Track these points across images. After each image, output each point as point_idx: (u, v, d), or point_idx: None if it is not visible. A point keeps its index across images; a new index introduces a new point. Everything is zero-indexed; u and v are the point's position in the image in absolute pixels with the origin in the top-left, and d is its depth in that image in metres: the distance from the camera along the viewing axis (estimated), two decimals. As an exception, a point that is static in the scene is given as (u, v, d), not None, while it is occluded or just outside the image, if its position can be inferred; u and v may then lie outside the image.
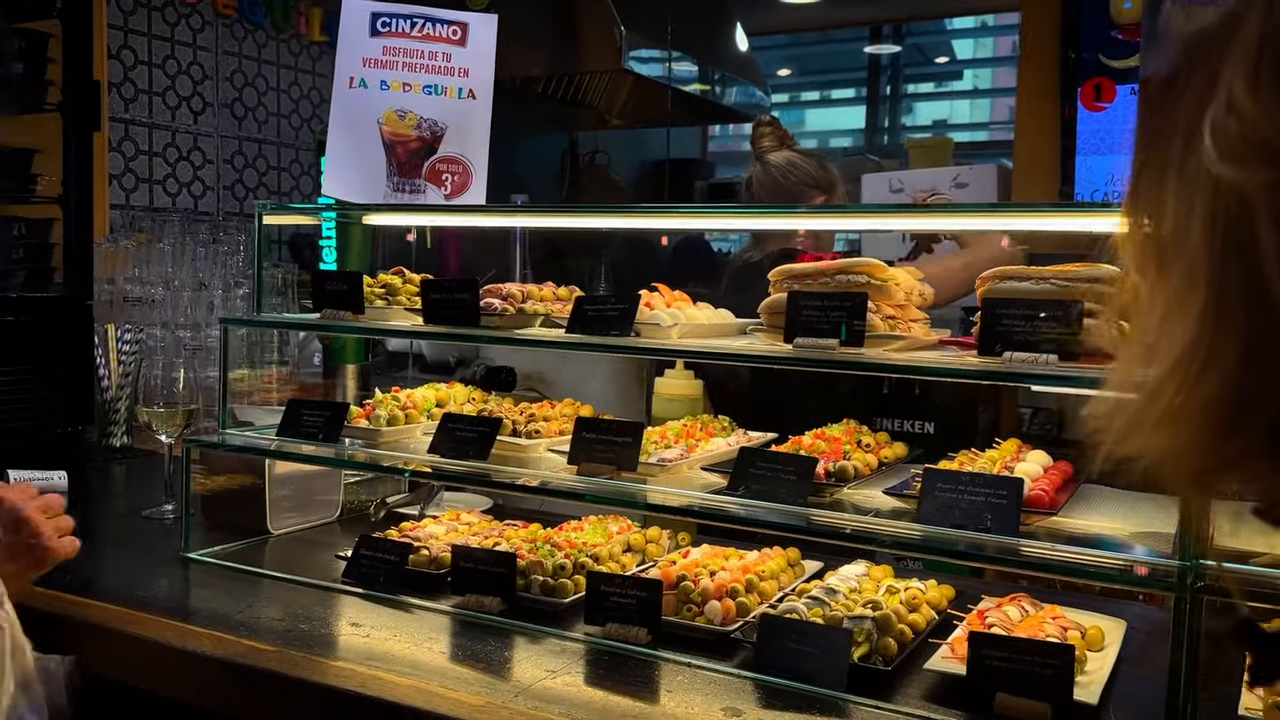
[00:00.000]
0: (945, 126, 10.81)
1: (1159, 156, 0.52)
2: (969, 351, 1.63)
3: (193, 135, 4.04)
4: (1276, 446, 0.46)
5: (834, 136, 10.97)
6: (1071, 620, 1.63)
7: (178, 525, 2.25)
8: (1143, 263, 0.53)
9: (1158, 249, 0.51)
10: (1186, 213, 0.49)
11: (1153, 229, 0.52)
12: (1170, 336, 0.49)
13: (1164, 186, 0.51)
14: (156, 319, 3.14)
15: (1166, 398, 0.48)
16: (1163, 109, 0.52)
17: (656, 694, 1.46)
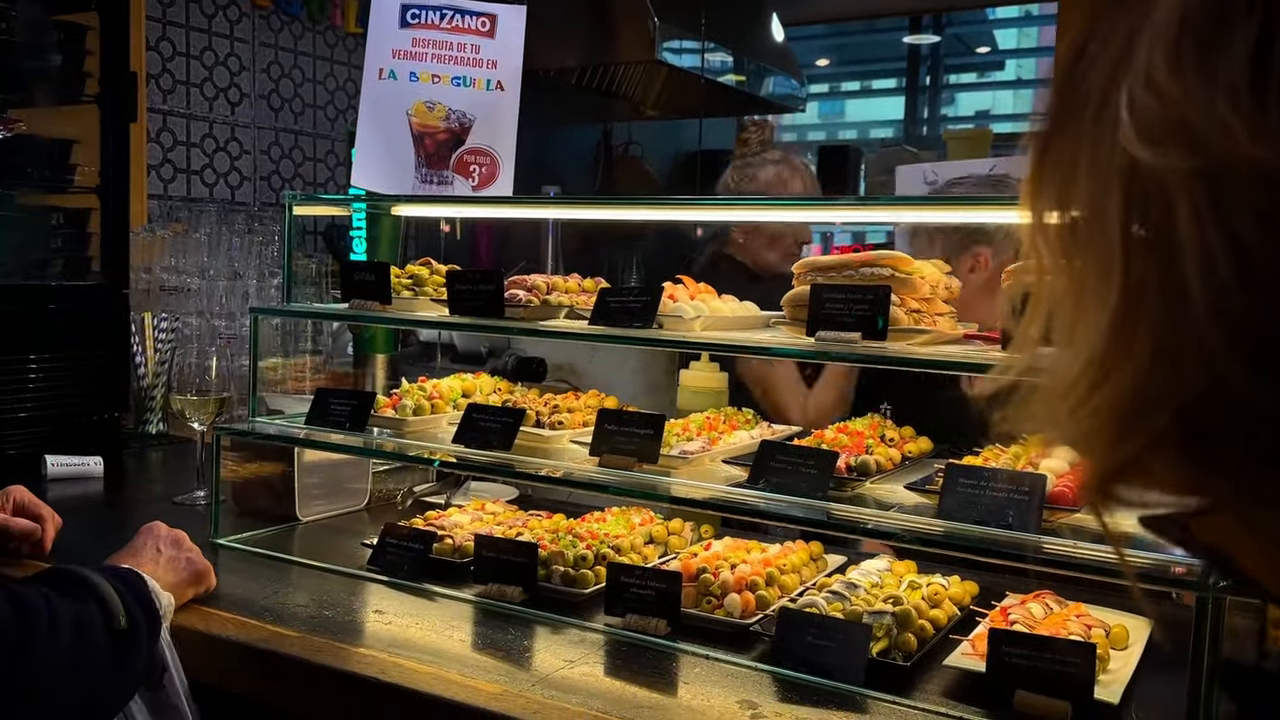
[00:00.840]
0: (988, 117, 10.69)
1: (1070, 131, 0.48)
2: (994, 346, 1.61)
3: (229, 126, 4.09)
4: (1175, 445, 0.44)
5: (874, 127, 10.90)
6: (1096, 618, 1.61)
7: (208, 511, 2.29)
8: (1052, 248, 0.49)
9: (1068, 234, 0.48)
10: (1101, 196, 0.45)
11: (1062, 212, 0.48)
12: (1084, 328, 0.46)
13: (1075, 164, 0.47)
14: (192, 308, 3.18)
15: (1077, 392, 0.46)
16: (1072, 78, 0.48)
17: (674, 685, 1.46)
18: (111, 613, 1.38)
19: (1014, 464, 1.65)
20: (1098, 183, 0.45)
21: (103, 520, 2.32)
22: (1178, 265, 0.41)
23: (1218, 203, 0.41)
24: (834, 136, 11.26)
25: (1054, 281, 0.49)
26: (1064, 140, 0.48)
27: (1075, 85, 0.48)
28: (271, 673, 1.56)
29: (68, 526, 2.15)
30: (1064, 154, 0.48)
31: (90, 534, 2.22)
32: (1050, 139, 0.49)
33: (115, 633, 1.37)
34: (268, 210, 4.12)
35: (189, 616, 1.64)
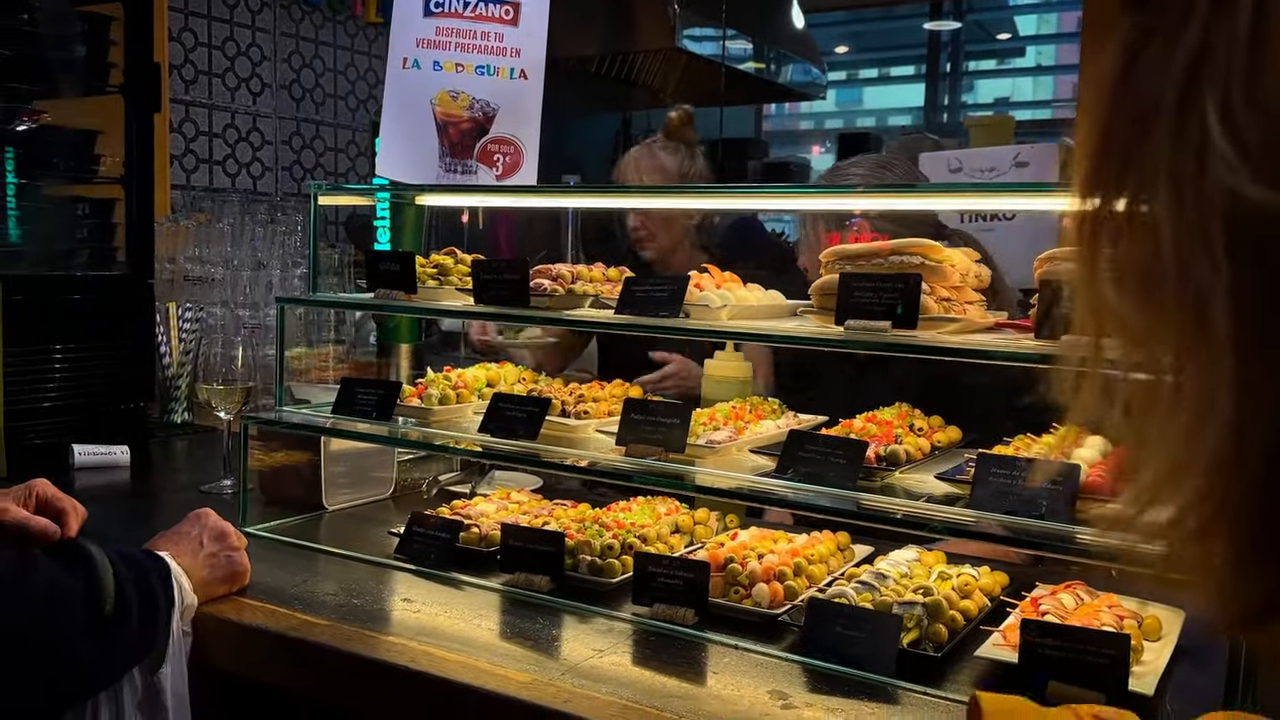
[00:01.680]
0: (1007, 104, 10.62)
1: (1141, 141, 0.38)
2: (1025, 334, 1.60)
3: (251, 116, 4.10)
4: None
5: (892, 114, 10.84)
6: (1128, 609, 1.59)
7: (235, 500, 2.30)
8: (1119, 283, 0.39)
9: (1145, 275, 0.38)
10: (1189, 238, 0.35)
11: (1131, 244, 0.38)
12: (1169, 421, 0.36)
13: (1147, 185, 0.37)
14: (216, 298, 3.20)
15: (1184, 521, 0.36)
16: (1130, 81, 0.38)
17: (703, 675, 1.46)
18: (99, 593, 1.37)
19: (1047, 454, 1.64)
20: (1182, 222, 0.36)
21: (130, 509, 2.33)
22: None
23: None
24: (852, 124, 11.21)
25: (1117, 342, 0.40)
26: (1130, 157, 0.39)
27: (1136, 90, 0.39)
28: (301, 661, 1.56)
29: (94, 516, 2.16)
30: (1129, 170, 0.39)
31: (117, 523, 2.23)
32: (1106, 158, 0.40)
33: (99, 614, 1.36)
34: (290, 200, 4.13)
35: (220, 606, 1.65)
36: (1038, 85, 10.97)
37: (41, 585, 1.32)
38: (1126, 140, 0.39)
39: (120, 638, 1.38)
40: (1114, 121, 0.40)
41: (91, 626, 1.34)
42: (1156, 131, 0.37)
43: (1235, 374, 0.35)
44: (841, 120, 11.24)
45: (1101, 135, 0.40)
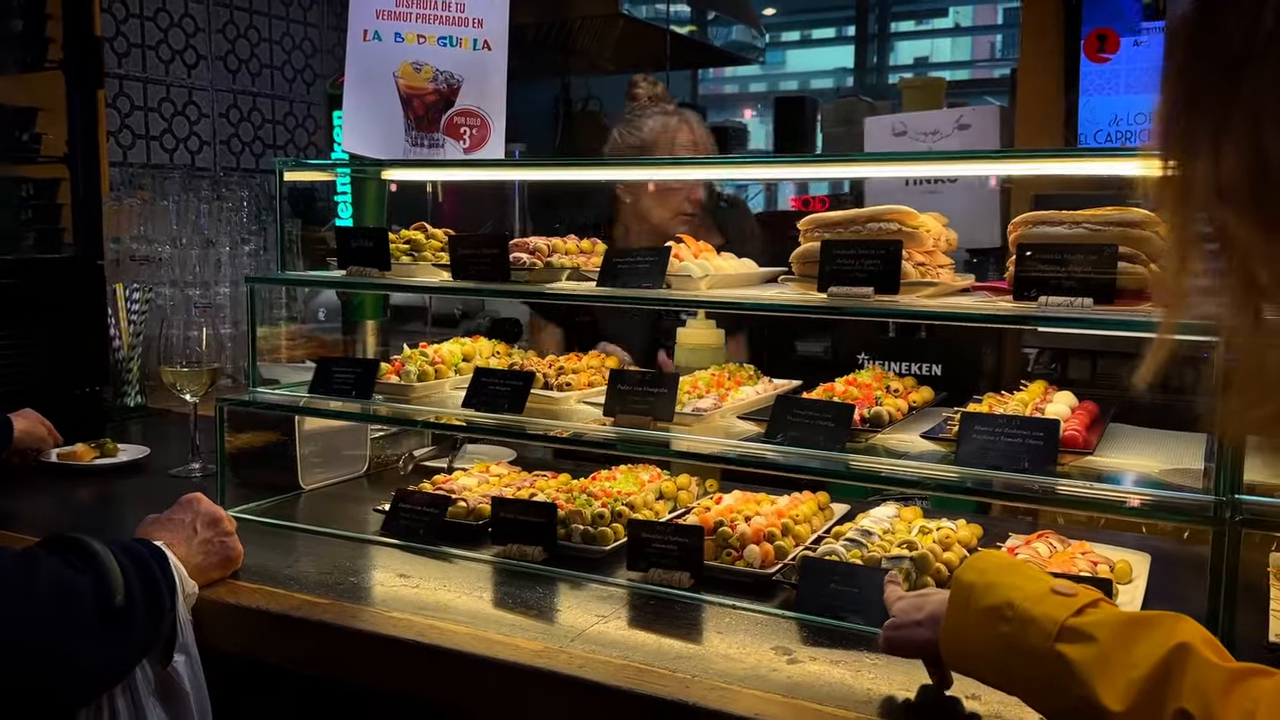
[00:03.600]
0: (928, 65, 10.76)
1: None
2: (1002, 296, 1.66)
3: (187, 89, 3.99)
4: None
5: (816, 77, 10.91)
6: (1100, 555, 1.68)
7: (206, 483, 2.28)
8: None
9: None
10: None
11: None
12: None
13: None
14: (164, 278, 3.14)
15: None
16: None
17: (707, 635, 1.51)
18: (109, 587, 1.36)
19: (1021, 410, 1.71)
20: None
21: (100, 496, 2.29)
22: None
23: None
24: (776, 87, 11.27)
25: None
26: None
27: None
28: (308, 640, 1.57)
29: (67, 504, 2.14)
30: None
31: (85, 510, 2.20)
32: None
33: (109, 607, 1.36)
34: (233, 175, 4.05)
35: (215, 590, 1.65)
36: (956, 46, 11.13)
37: (47, 583, 1.31)
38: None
39: (130, 630, 1.38)
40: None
41: (102, 620, 1.33)
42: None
43: None
44: (766, 84, 11.28)
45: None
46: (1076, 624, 1.05)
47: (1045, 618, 1.06)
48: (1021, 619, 1.08)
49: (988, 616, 1.11)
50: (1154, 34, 3.25)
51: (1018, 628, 1.08)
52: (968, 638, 1.14)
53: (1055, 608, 1.07)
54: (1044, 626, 1.06)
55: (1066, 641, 1.04)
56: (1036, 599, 1.08)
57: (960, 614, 1.15)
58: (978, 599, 1.13)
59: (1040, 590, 1.10)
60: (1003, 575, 1.14)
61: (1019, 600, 1.09)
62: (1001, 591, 1.11)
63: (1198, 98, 0.58)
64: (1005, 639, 1.09)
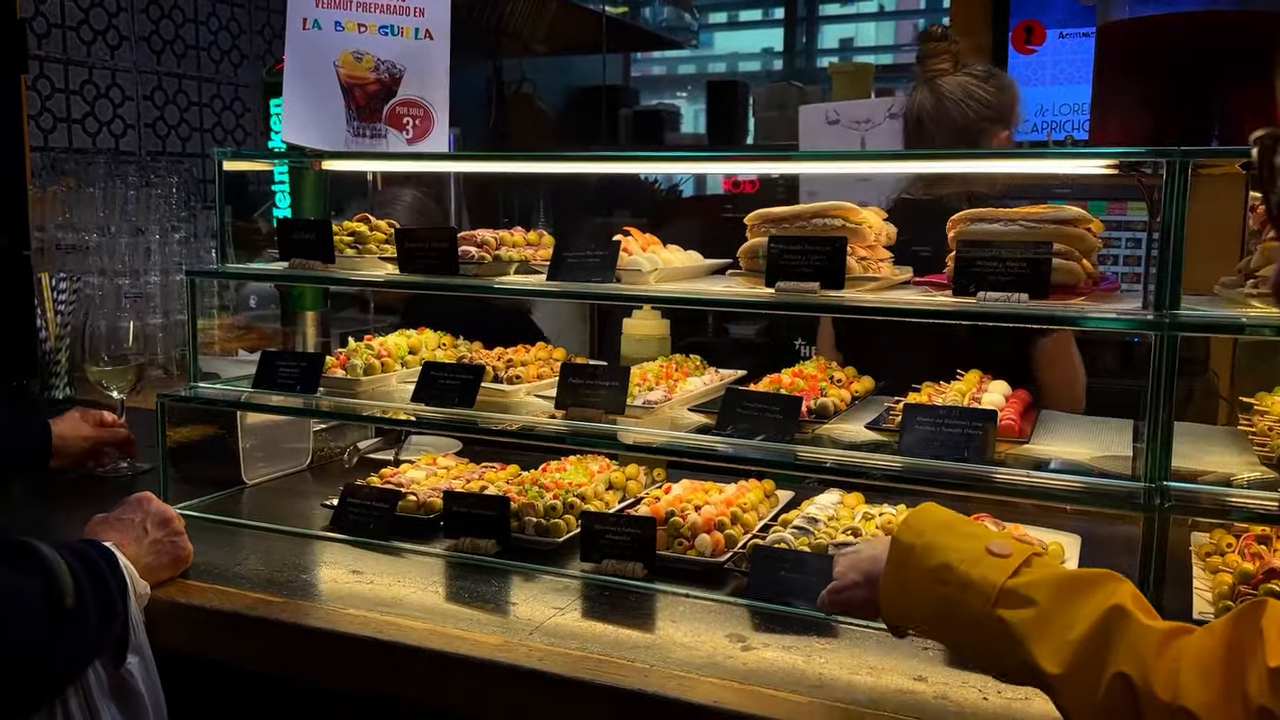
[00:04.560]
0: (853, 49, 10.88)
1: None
2: (941, 291, 1.72)
3: (110, 71, 3.87)
4: None
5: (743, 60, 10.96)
6: (1033, 537, 1.75)
7: (136, 482, 2.23)
8: None
9: None
10: None
11: None
12: None
13: None
14: (92, 266, 3.05)
15: None
16: None
17: (663, 624, 1.54)
18: (58, 589, 1.34)
19: (959, 400, 1.78)
20: None
21: (25, 495, 2.23)
22: None
23: None
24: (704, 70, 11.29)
25: None
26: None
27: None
28: (262, 639, 1.57)
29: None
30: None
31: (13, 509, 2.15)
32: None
33: (59, 609, 1.34)
34: (159, 160, 3.94)
35: (165, 589, 1.63)
36: (880, 30, 11.27)
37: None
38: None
39: (82, 631, 1.36)
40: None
41: (51, 623, 1.31)
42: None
43: None
44: (694, 66, 11.30)
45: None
46: (1014, 586, 1.08)
47: (984, 581, 1.09)
48: (960, 582, 1.11)
49: (926, 578, 1.14)
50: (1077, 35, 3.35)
51: (956, 590, 1.11)
52: (907, 598, 1.17)
53: (992, 570, 1.10)
54: (983, 590, 1.09)
55: (1005, 606, 1.08)
56: (973, 560, 1.11)
57: (899, 574, 1.17)
58: (916, 560, 1.16)
59: (976, 550, 1.12)
60: (939, 535, 1.16)
61: (956, 562, 1.12)
62: (939, 553, 1.14)
63: None
64: (945, 600, 1.12)
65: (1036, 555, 1.14)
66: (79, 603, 1.36)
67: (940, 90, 2.40)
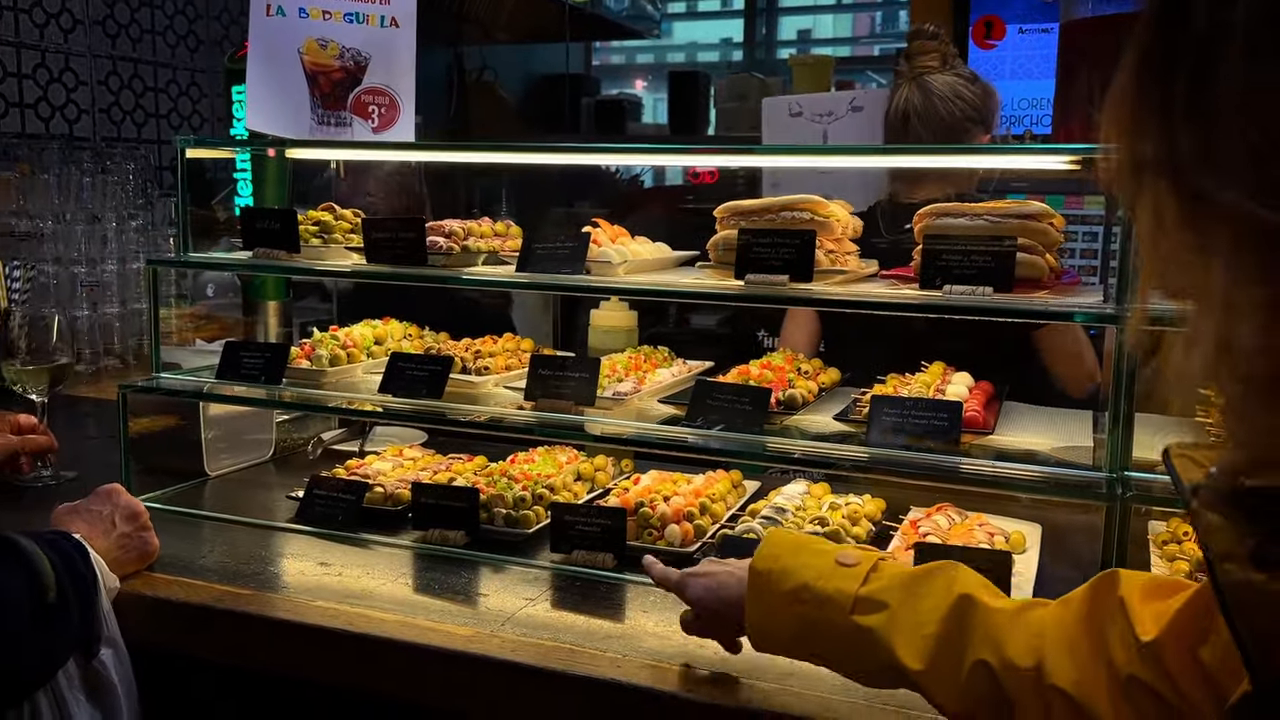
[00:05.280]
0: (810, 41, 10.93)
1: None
2: (908, 284, 1.74)
3: (64, 55, 3.79)
4: None
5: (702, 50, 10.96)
6: (996, 526, 1.79)
7: (60, 493, 2.15)
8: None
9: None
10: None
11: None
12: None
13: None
14: (48, 254, 3.00)
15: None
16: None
17: (633, 615, 1.55)
18: (41, 585, 1.34)
19: (924, 392, 1.80)
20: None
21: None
22: None
23: None
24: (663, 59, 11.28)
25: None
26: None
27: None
28: (230, 631, 1.55)
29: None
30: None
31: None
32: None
33: (42, 605, 1.33)
34: (115, 146, 3.87)
35: (130, 582, 1.61)
36: (837, 22, 11.32)
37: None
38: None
39: (64, 626, 1.35)
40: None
41: (35, 619, 1.30)
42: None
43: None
44: (653, 55, 11.29)
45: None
46: (866, 593, 1.13)
47: (838, 593, 1.14)
48: (817, 598, 1.15)
49: (786, 600, 1.18)
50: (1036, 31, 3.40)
51: (814, 608, 1.15)
52: (773, 624, 1.21)
53: (845, 580, 1.15)
54: (838, 601, 1.14)
55: (861, 613, 1.12)
56: (827, 575, 1.16)
57: (761, 601, 1.21)
58: (774, 584, 1.20)
59: (828, 565, 1.17)
60: (792, 557, 1.20)
61: (812, 580, 1.16)
62: (795, 574, 1.18)
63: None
64: (805, 619, 1.17)
65: (882, 559, 1.19)
66: (60, 597, 1.34)
67: (929, 88, 2.41)
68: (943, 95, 2.39)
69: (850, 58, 9.90)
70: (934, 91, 2.39)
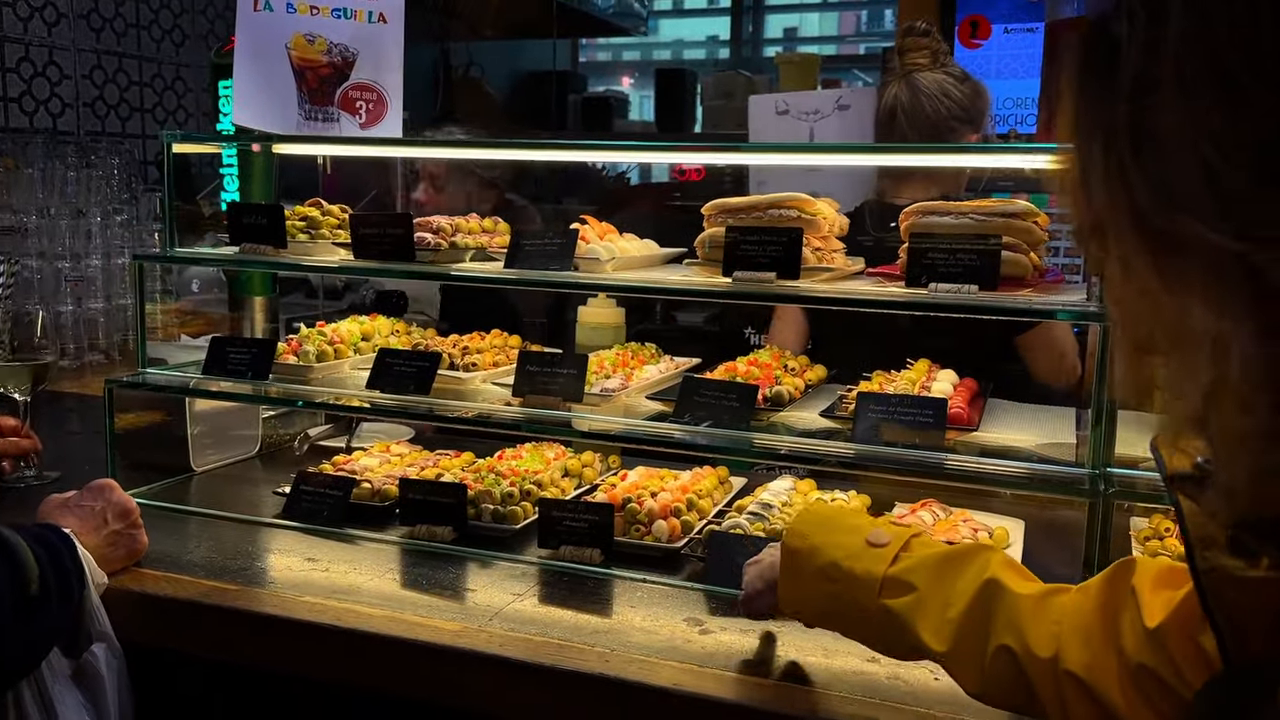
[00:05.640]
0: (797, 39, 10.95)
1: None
2: (893, 282, 1.75)
3: (48, 49, 3.76)
4: None
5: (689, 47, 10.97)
6: (980, 522, 1.80)
7: (43, 491, 2.14)
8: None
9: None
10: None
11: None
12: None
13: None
14: (32, 249, 2.98)
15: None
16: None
17: (621, 610, 1.56)
18: (24, 577, 1.33)
19: (909, 389, 1.82)
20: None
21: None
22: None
23: None
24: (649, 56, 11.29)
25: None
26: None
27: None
28: (219, 627, 1.55)
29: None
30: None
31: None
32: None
33: (24, 596, 1.33)
34: (99, 140, 3.85)
35: (118, 578, 1.61)
36: (824, 21, 11.35)
37: None
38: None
39: (44, 618, 1.34)
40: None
41: (17, 611, 1.29)
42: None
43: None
44: (639, 52, 11.29)
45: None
46: (895, 574, 1.16)
47: (866, 574, 1.17)
48: (846, 578, 1.18)
49: (816, 578, 1.21)
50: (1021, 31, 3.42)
51: (844, 587, 1.19)
52: (804, 601, 1.25)
53: (874, 561, 1.17)
54: (866, 583, 1.17)
55: (889, 595, 1.15)
56: (856, 555, 1.19)
57: (793, 580, 1.25)
58: (804, 563, 1.23)
59: (858, 544, 1.20)
60: (822, 535, 1.23)
61: (842, 559, 1.19)
62: (825, 553, 1.21)
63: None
64: (835, 597, 1.20)
65: (915, 537, 1.22)
66: (43, 590, 1.34)
67: (917, 85, 2.41)
68: (930, 93, 2.39)
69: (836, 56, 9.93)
70: (922, 89, 2.40)
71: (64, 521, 1.53)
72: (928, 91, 2.39)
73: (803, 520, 1.28)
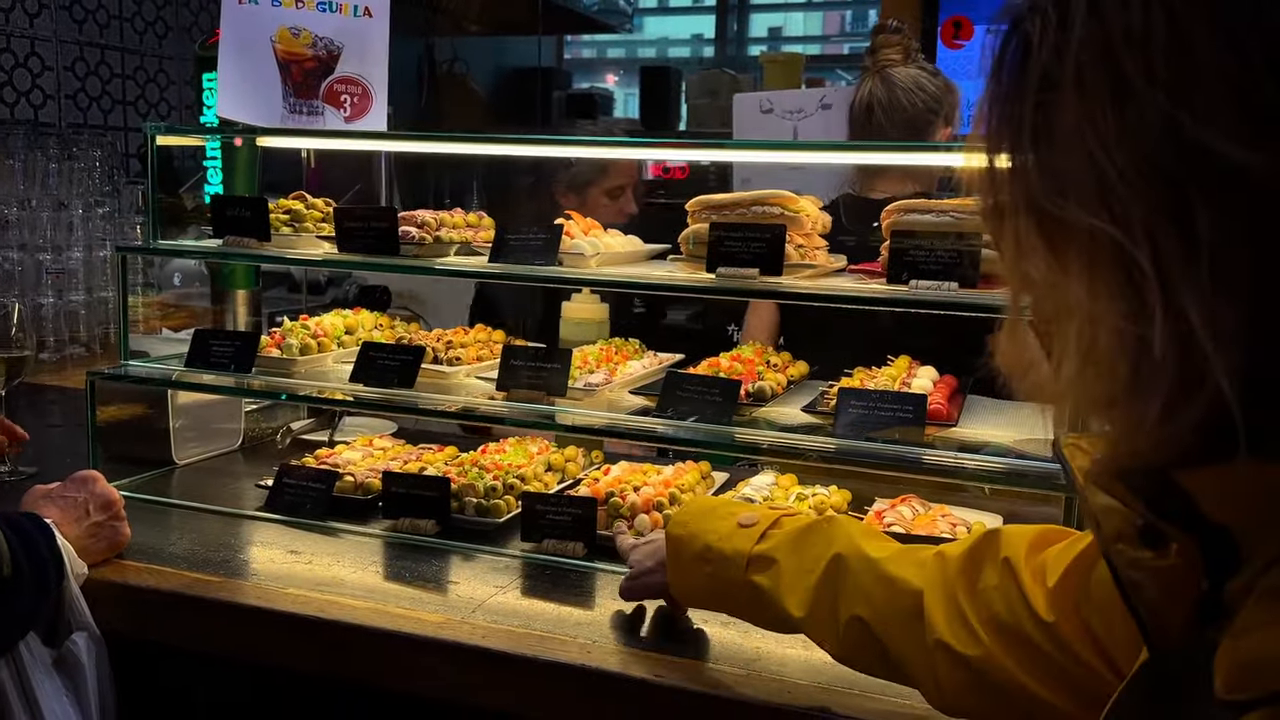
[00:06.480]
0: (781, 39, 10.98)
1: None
2: (875, 279, 1.77)
3: (29, 40, 3.74)
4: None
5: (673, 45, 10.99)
6: (959, 517, 1.82)
7: (24, 486, 2.13)
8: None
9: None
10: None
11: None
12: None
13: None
14: (13, 241, 2.97)
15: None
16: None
17: (603, 602, 1.57)
18: None
19: (890, 385, 1.83)
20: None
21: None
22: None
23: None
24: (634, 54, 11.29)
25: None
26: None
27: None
28: (201, 618, 1.56)
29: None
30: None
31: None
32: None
33: None
34: (81, 133, 3.83)
35: (100, 570, 1.61)
36: (808, 20, 11.39)
37: None
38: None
39: (16, 601, 1.35)
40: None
41: None
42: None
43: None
44: (624, 50, 11.29)
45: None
46: (760, 551, 1.24)
47: (735, 552, 1.26)
48: (719, 559, 1.27)
49: (695, 562, 1.30)
50: (1004, 30, 3.43)
51: (719, 567, 1.27)
52: (687, 582, 1.33)
53: (742, 540, 1.26)
54: (735, 560, 1.25)
55: (755, 570, 1.24)
56: (727, 536, 1.27)
57: (675, 565, 1.34)
58: (685, 549, 1.31)
59: (729, 528, 1.28)
60: (700, 522, 1.32)
61: (714, 542, 1.28)
62: (701, 538, 1.30)
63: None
64: (711, 577, 1.28)
65: (787, 515, 1.29)
66: (15, 574, 1.34)
67: (892, 80, 2.43)
68: (905, 87, 2.41)
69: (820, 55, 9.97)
70: (897, 83, 2.42)
71: (45, 511, 1.53)
72: (903, 85, 2.41)
73: (685, 510, 1.38)
